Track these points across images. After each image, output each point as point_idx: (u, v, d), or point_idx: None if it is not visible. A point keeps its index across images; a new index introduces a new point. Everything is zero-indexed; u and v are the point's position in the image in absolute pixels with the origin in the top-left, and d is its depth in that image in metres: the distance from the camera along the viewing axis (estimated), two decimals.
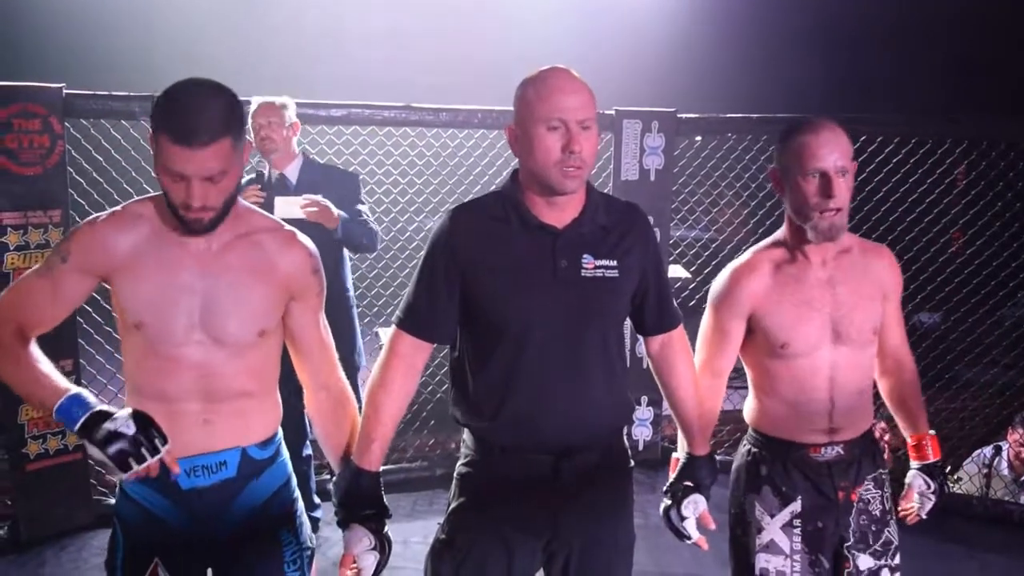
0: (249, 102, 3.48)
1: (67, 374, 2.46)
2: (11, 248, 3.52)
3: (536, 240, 1.90)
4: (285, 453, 2.01)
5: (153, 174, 1.79)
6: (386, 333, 4.09)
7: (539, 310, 1.88)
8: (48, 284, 1.81)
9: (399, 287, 4.66)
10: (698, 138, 4.84)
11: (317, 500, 3.84)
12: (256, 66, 5.11)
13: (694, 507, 2.14)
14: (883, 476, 2.25)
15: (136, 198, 1.89)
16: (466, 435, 2.03)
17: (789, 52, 7.65)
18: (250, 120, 3.49)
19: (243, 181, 3.42)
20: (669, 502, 2.18)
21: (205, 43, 7.09)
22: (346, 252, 3.73)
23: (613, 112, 4.47)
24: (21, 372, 1.73)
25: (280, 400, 2.01)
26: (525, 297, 1.87)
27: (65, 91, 3.57)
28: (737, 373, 2.26)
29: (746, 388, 2.31)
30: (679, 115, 4.58)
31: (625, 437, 2.12)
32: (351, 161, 4.39)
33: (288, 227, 1.95)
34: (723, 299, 2.18)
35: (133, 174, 3.97)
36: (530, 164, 1.87)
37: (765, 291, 2.14)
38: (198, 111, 1.68)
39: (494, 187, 2.09)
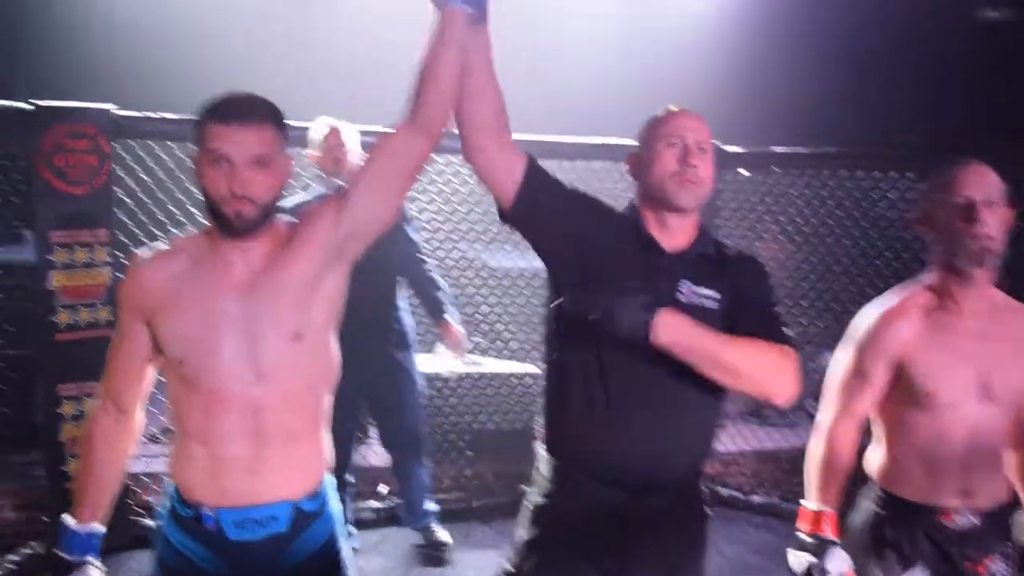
0: (320, 123, 3.55)
1: None
2: (58, 266, 3.55)
3: (642, 257, 1.92)
4: (333, 498, 1.94)
5: (198, 193, 1.78)
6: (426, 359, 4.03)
7: None
8: (119, 341, 1.83)
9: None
10: (743, 172, 4.78)
11: (353, 530, 3.79)
12: (307, 90, 5.13)
13: (839, 563, 2.03)
14: (1014, 551, 2.13)
15: (181, 236, 1.90)
16: (542, 464, 2.00)
17: (842, 85, 7.53)
18: (321, 140, 3.55)
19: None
20: (812, 558, 2.05)
21: (255, 65, 7.15)
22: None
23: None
24: (83, 465, 1.87)
25: (328, 442, 1.94)
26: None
27: (114, 111, 3.61)
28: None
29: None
30: (723, 148, 4.53)
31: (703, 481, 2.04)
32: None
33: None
34: (869, 342, 2.10)
35: (177, 194, 3.99)
36: (647, 179, 1.93)
37: (915, 337, 2.06)
38: (242, 98, 1.72)
39: None
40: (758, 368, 1.81)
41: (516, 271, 5.32)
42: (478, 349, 4.84)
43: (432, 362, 4.07)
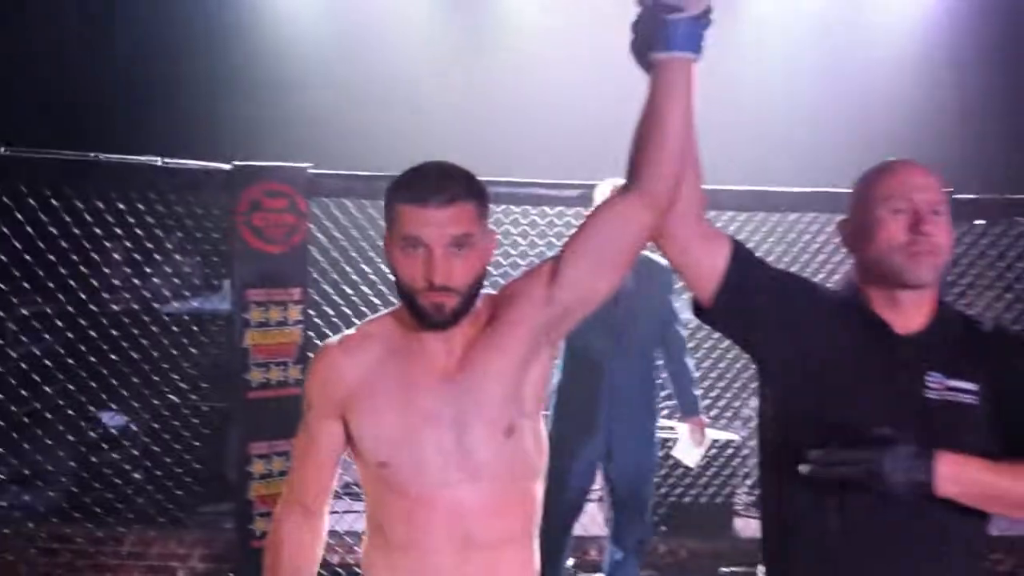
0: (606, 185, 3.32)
1: None
2: (253, 325, 3.52)
3: (874, 347, 1.59)
4: None
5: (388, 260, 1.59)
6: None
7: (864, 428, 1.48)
8: (307, 441, 1.67)
9: None
10: (979, 222, 4.25)
11: None
12: (496, 147, 5.02)
13: None
14: None
15: (369, 317, 1.71)
16: None
17: None
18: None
19: None
20: None
21: (445, 124, 7.21)
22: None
23: None
24: (270, 570, 1.69)
25: (537, 549, 1.70)
26: (846, 404, 1.55)
27: (310, 171, 3.57)
28: None
29: None
30: (955, 196, 4.02)
31: None
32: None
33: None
34: None
35: (370, 253, 3.92)
36: (871, 252, 1.59)
37: None
38: (438, 173, 1.52)
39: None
40: None
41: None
42: (672, 414, 4.52)
43: (676, 450, 3.80)
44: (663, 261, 3.55)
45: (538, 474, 1.65)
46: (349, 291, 3.95)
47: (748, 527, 4.48)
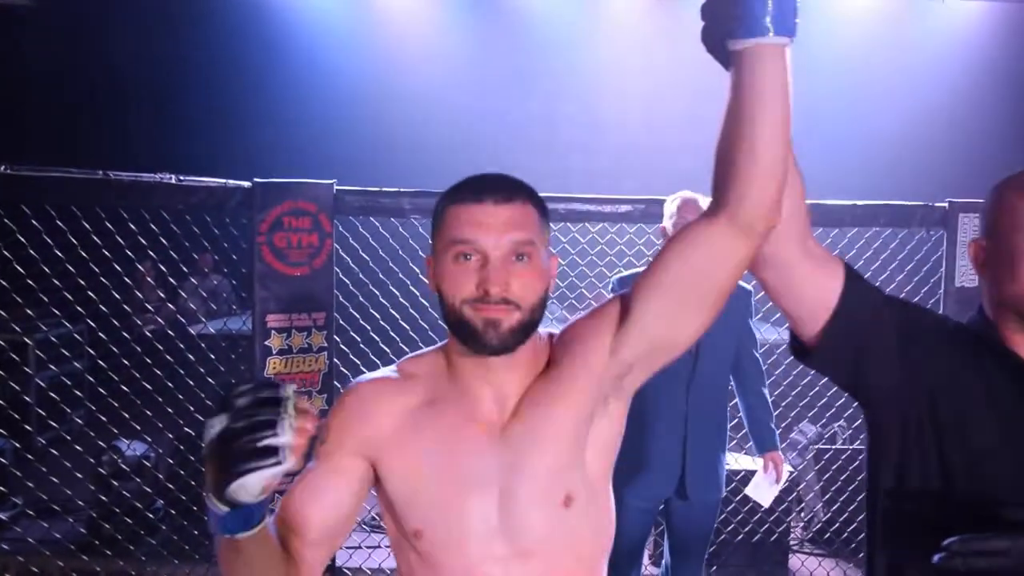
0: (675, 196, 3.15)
1: None
2: (274, 352, 3.32)
3: (1014, 390, 1.34)
4: None
5: (425, 278, 1.35)
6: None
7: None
8: (312, 477, 1.33)
9: None
10: None
11: None
12: (521, 161, 4.83)
13: None
14: None
15: (408, 356, 1.43)
16: None
17: None
18: (673, 217, 3.09)
19: None
20: None
21: (471, 138, 7.07)
22: None
23: (946, 205, 3.75)
24: None
25: None
26: (1003, 465, 1.32)
27: (336, 187, 3.36)
28: None
29: None
30: None
31: None
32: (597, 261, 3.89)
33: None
34: None
35: (400, 275, 3.70)
36: (1009, 283, 1.35)
37: None
38: (495, 175, 1.30)
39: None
40: None
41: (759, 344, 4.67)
42: (742, 447, 4.24)
43: (751, 488, 3.49)
44: (745, 284, 3.31)
45: (605, 551, 1.38)
46: (376, 315, 3.72)
47: (804, 566, 4.18)
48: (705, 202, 3.14)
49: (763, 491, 3.31)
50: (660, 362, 1.33)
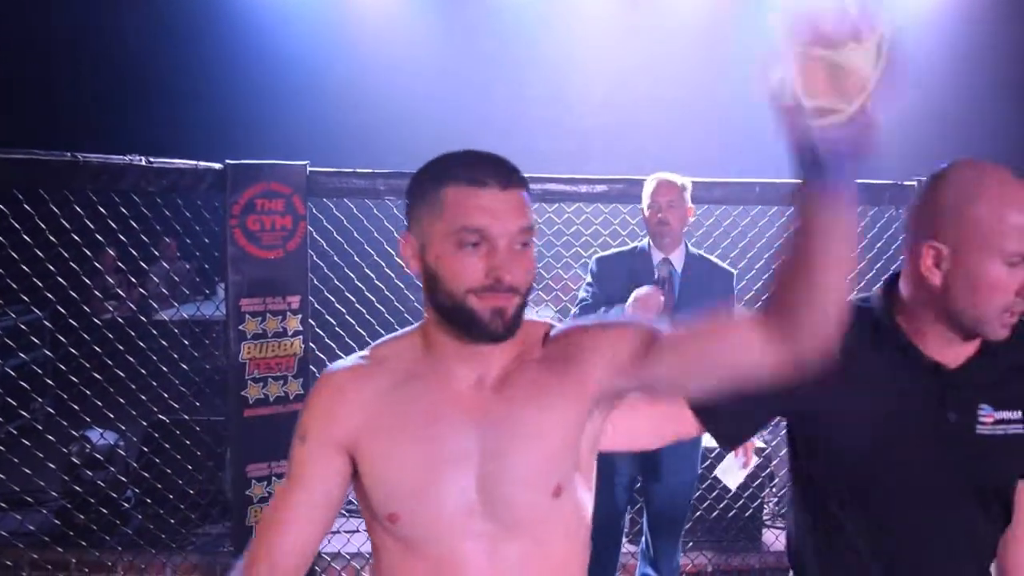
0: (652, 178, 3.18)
1: None
2: (248, 337, 3.28)
3: (916, 382, 1.42)
4: None
5: (399, 258, 1.31)
6: None
7: (912, 477, 1.42)
8: (296, 485, 1.33)
9: None
10: None
11: None
12: (488, 142, 4.79)
13: None
14: None
15: (381, 339, 1.40)
16: None
17: None
18: (648, 199, 3.16)
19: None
20: None
21: (441, 118, 7.04)
22: None
23: (916, 184, 3.76)
24: None
25: None
26: (892, 455, 1.42)
27: (309, 168, 3.32)
28: None
29: None
30: None
31: None
32: (572, 240, 3.89)
33: (560, 326, 1.39)
34: None
35: (375, 257, 3.67)
36: (961, 303, 1.36)
37: None
38: (493, 157, 1.27)
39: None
40: None
41: None
42: None
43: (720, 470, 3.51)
44: (723, 265, 3.33)
45: (584, 535, 1.38)
46: (352, 298, 3.69)
47: (777, 540, 4.24)
48: (680, 179, 3.15)
49: (732, 474, 3.35)
50: (660, 396, 1.40)
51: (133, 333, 3.96)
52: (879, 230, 3.99)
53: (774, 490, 4.66)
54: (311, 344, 3.41)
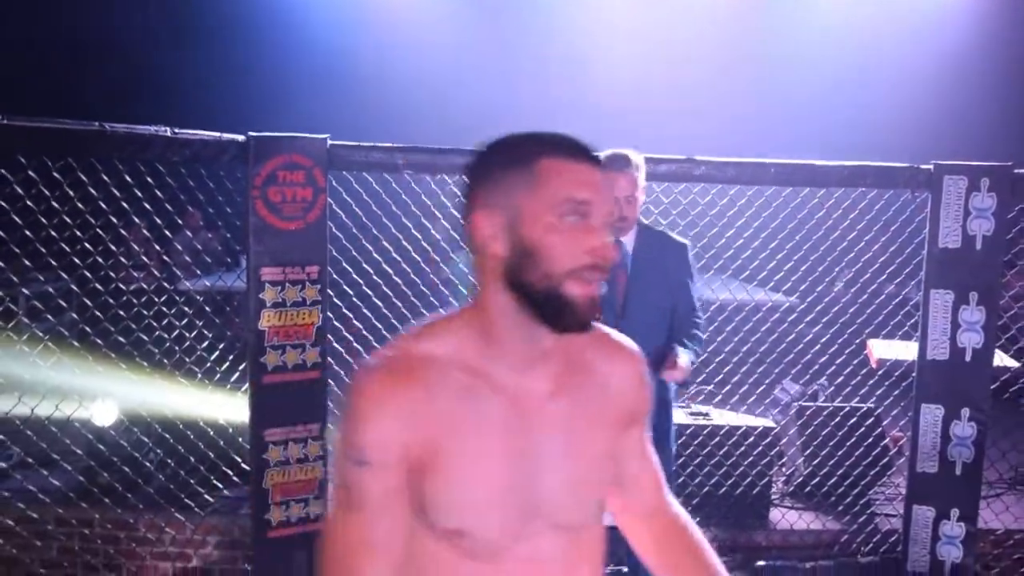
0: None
1: None
2: (268, 305, 3.36)
3: None
4: None
5: (474, 245, 1.21)
6: None
7: None
8: (365, 514, 1.20)
9: None
10: None
11: None
12: (514, 118, 4.82)
13: None
14: None
15: (418, 326, 1.27)
16: None
17: None
18: None
19: None
20: None
21: (462, 96, 7.08)
22: None
23: (931, 167, 3.77)
24: None
25: None
26: None
27: (329, 142, 3.39)
28: None
29: None
30: (1016, 171, 3.77)
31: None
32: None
33: (603, 328, 1.35)
34: None
35: (393, 230, 3.74)
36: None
37: None
38: (576, 139, 1.21)
39: None
40: None
41: (744, 304, 4.75)
42: (707, 399, 4.33)
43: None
44: (677, 237, 3.31)
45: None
46: (370, 270, 3.77)
47: (785, 519, 4.30)
48: (632, 161, 3.04)
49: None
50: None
51: (157, 300, 4.04)
52: (894, 213, 4.02)
53: (783, 470, 4.72)
54: (328, 314, 3.49)
